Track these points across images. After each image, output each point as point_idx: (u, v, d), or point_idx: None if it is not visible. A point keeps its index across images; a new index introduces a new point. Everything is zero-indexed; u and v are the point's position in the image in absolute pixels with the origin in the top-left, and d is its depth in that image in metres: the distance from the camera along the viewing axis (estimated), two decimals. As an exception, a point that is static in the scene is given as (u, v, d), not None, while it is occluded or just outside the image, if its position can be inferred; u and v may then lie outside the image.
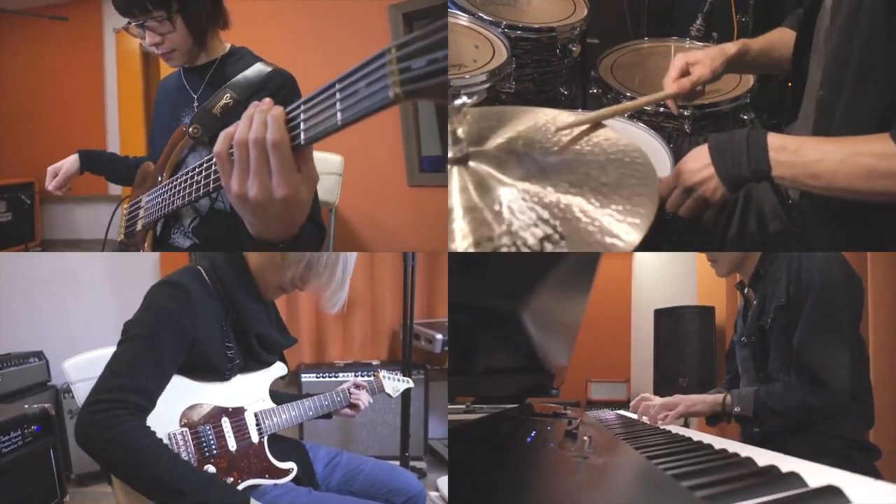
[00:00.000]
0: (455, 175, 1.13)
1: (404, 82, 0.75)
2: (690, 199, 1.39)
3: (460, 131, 1.13)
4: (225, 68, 1.61)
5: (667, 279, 3.74)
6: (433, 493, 2.51)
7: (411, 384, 1.92)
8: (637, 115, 1.96)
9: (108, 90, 3.80)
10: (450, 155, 1.15)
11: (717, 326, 3.09)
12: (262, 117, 0.92)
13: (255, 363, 1.52)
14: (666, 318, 3.27)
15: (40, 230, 3.93)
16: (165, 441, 1.30)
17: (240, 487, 1.38)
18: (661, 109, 1.94)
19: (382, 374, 1.83)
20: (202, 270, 1.42)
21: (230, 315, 1.42)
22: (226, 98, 1.52)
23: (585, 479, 0.84)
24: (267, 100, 0.96)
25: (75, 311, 2.96)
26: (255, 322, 1.45)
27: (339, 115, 0.83)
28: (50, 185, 1.89)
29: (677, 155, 1.61)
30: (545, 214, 1.04)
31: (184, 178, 1.38)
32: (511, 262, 1.00)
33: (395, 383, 1.85)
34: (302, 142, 0.90)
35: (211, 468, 1.35)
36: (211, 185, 1.26)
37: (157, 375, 1.28)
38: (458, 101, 1.08)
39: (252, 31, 2.88)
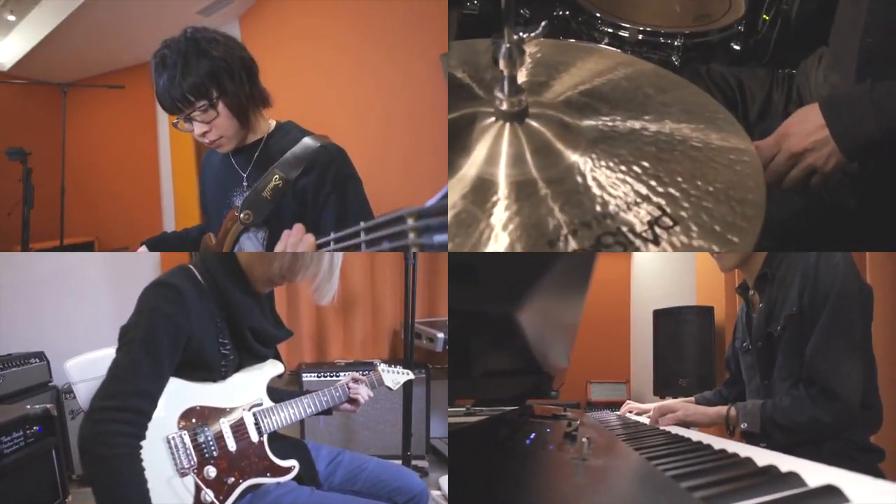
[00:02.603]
0: (506, 137, 0.89)
1: (423, 246, 0.82)
2: (797, 168, 1.23)
3: (522, 76, 0.90)
4: (271, 146, 1.61)
5: (666, 279, 3.74)
6: (435, 493, 2.51)
7: (411, 376, 1.90)
8: (619, 45, 1.82)
9: (162, 153, 3.98)
10: (504, 107, 0.89)
11: (716, 327, 3.09)
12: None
13: (250, 358, 1.52)
14: (665, 319, 3.26)
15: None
16: (164, 444, 1.32)
17: (241, 487, 1.39)
18: (640, 37, 1.81)
19: (381, 367, 1.82)
20: (193, 269, 1.44)
21: (224, 310, 1.44)
22: (275, 180, 1.53)
23: (584, 481, 0.84)
24: (297, 227, 1.02)
25: (76, 311, 2.96)
26: (248, 315, 1.47)
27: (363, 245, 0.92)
28: None
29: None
30: (644, 190, 0.81)
31: None
32: (505, 264, 0.96)
33: (394, 376, 1.84)
34: None
35: (212, 470, 1.36)
36: None
37: (157, 377, 1.31)
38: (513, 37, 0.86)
39: (301, 99, 2.89)
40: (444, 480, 2.66)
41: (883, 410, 1.64)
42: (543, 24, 0.86)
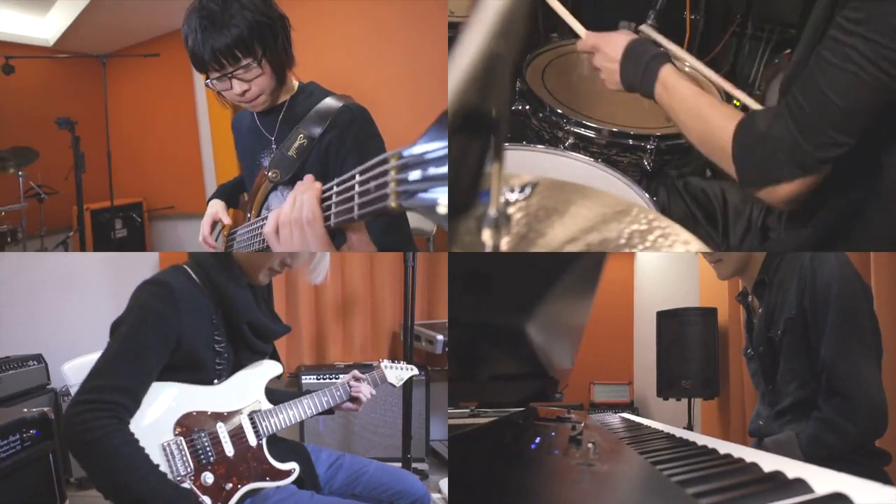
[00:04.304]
0: None
1: (400, 195, 0.80)
2: (593, 69, 1.59)
3: (505, 241, 0.82)
4: (296, 107, 1.62)
5: (669, 281, 3.73)
6: (436, 496, 2.50)
7: (415, 371, 1.88)
8: (585, 146, 1.76)
9: (200, 114, 4.14)
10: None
11: (719, 328, 3.08)
12: (300, 199, 0.99)
13: (250, 354, 1.52)
14: (668, 320, 3.25)
15: (150, 244, 4.38)
16: (160, 451, 1.31)
17: (240, 492, 1.38)
18: (608, 137, 1.77)
19: (384, 363, 1.80)
20: (187, 268, 1.44)
21: (220, 308, 1.43)
22: (300, 139, 1.54)
23: (590, 487, 0.83)
24: (308, 178, 1.02)
25: (74, 313, 2.95)
26: (245, 309, 1.46)
27: (356, 208, 0.89)
28: (214, 238, 1.85)
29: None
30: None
31: (262, 223, 1.47)
32: (517, 270, 0.94)
33: (398, 372, 1.81)
34: (332, 224, 0.96)
35: (209, 476, 1.34)
36: None
37: (141, 373, 1.30)
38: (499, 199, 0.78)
39: (327, 56, 2.87)
40: (444, 483, 2.65)
41: (888, 413, 1.62)
42: (532, 183, 0.83)
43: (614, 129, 1.77)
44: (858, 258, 1.80)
